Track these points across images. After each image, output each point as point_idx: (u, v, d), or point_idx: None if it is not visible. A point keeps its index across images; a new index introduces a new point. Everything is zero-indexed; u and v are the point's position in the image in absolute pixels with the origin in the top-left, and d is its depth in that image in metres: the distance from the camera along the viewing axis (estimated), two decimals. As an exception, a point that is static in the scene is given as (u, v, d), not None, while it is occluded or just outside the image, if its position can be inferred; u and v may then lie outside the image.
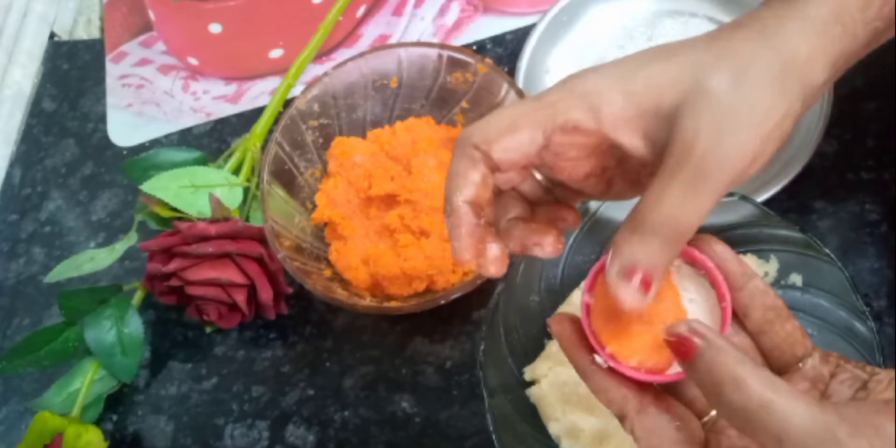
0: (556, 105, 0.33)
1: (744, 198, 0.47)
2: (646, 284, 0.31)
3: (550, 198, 0.37)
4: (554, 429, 0.48)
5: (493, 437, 0.45)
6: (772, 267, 0.49)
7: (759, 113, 0.31)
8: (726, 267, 0.34)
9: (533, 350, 0.51)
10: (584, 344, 0.34)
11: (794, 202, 0.55)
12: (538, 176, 0.37)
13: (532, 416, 0.49)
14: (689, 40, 0.33)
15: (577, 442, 0.47)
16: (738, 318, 0.35)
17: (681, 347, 0.30)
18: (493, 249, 0.35)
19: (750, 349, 0.35)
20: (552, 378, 0.49)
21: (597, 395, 0.33)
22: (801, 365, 0.34)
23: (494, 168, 0.34)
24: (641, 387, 0.33)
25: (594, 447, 0.47)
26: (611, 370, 0.33)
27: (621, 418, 0.33)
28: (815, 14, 0.32)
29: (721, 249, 0.35)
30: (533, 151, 0.33)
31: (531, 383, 0.50)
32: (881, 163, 0.55)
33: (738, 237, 0.50)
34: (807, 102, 0.32)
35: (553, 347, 0.51)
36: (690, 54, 0.32)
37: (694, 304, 0.34)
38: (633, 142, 0.33)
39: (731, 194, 0.47)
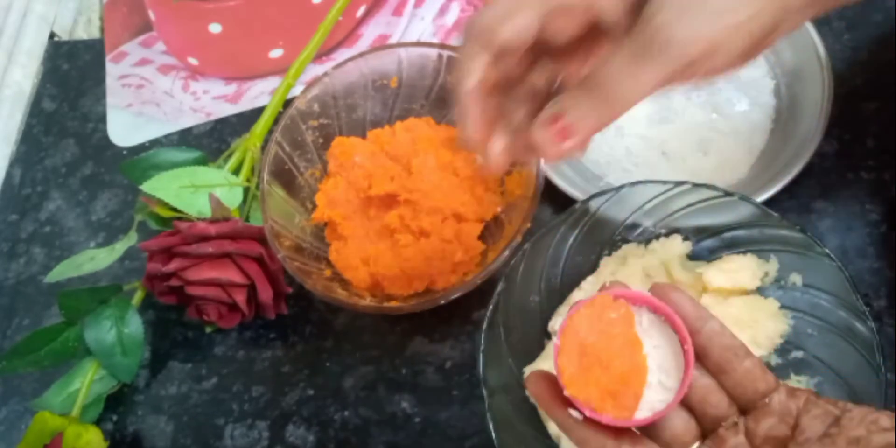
0: None
1: (744, 198, 0.47)
2: (562, 134, 0.34)
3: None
4: (554, 429, 0.48)
5: (493, 437, 0.45)
6: (772, 267, 0.49)
7: (723, 5, 0.32)
8: (684, 312, 0.36)
9: (533, 350, 0.51)
10: (560, 399, 0.35)
11: (794, 202, 0.55)
12: None
13: (532, 416, 0.49)
14: None
15: (577, 442, 0.47)
16: (699, 359, 0.36)
17: None
18: (499, 142, 0.37)
19: (714, 390, 0.36)
20: (552, 378, 0.49)
21: (580, 447, 0.35)
22: (767, 400, 0.35)
23: (499, 54, 0.35)
24: (618, 433, 0.34)
25: (594, 447, 0.47)
26: (588, 420, 0.34)
27: None
28: None
29: (678, 296, 0.36)
30: (531, 36, 0.35)
31: (531, 383, 0.50)
32: (881, 163, 0.55)
33: (738, 237, 0.50)
34: (777, 16, 0.33)
35: (553, 347, 0.51)
36: None
37: (658, 350, 0.36)
38: (612, 7, 0.34)
39: (730, 194, 0.47)
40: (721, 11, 0.32)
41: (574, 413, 0.35)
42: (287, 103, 0.67)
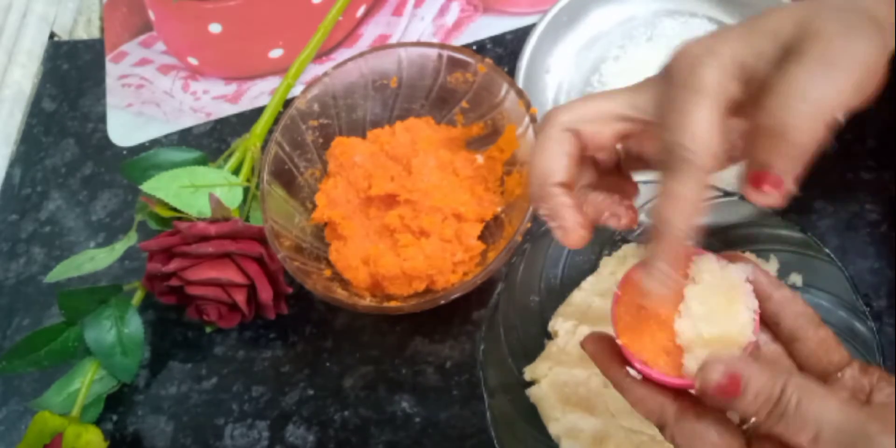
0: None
1: (744, 198, 0.47)
2: (777, 185, 0.32)
3: (615, 169, 0.38)
4: (554, 429, 0.48)
5: (493, 436, 0.45)
6: (772, 267, 0.49)
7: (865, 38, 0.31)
8: (754, 278, 0.35)
9: (533, 350, 0.51)
10: (618, 359, 0.35)
11: (794, 202, 0.54)
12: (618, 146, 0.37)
13: (532, 416, 0.49)
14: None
15: (577, 442, 0.47)
16: (770, 327, 0.35)
17: (728, 389, 0.30)
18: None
19: (783, 357, 0.35)
20: (552, 378, 0.49)
21: (635, 408, 0.34)
22: (839, 375, 0.34)
23: (584, 149, 0.34)
24: (677, 394, 0.33)
25: (594, 447, 0.47)
26: (646, 381, 0.34)
27: (661, 427, 0.33)
28: None
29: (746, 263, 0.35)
30: (620, 129, 0.34)
31: (531, 383, 0.50)
32: (881, 163, 0.55)
33: (738, 237, 0.50)
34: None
35: (553, 347, 0.51)
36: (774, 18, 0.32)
37: None
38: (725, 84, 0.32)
39: (731, 194, 0.47)
40: (869, 38, 0.31)
41: (632, 372, 0.34)
42: (287, 103, 0.67)
